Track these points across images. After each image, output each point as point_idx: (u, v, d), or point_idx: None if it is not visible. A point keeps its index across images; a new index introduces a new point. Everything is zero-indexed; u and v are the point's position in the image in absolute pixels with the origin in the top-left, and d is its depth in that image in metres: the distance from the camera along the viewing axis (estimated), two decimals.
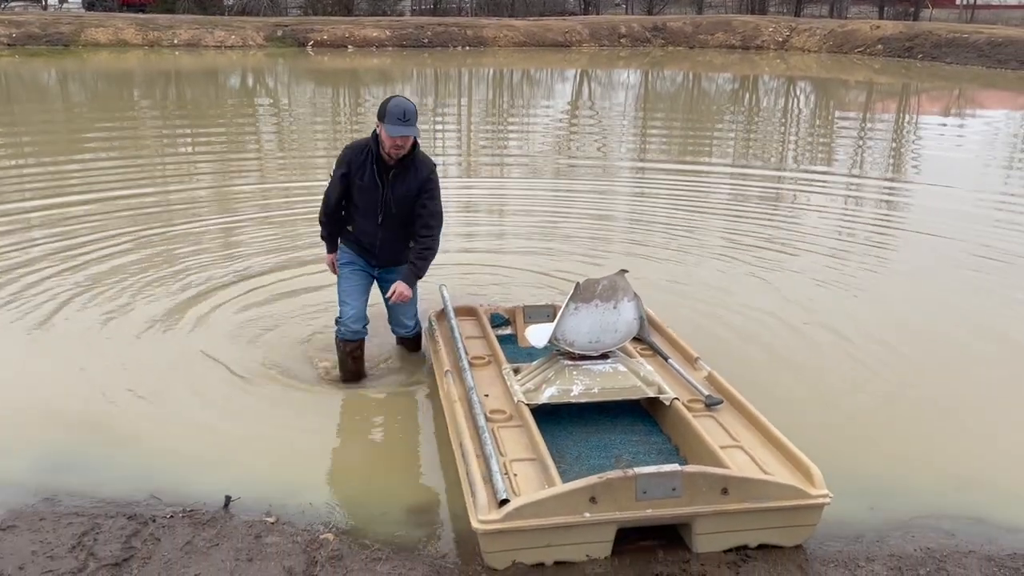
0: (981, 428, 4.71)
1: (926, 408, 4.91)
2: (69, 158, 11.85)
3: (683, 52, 34.12)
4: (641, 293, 4.39)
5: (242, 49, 30.39)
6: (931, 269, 7.48)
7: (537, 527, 3.19)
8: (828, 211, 9.65)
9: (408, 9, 43.80)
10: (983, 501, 3.95)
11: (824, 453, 3.78)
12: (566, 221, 8.86)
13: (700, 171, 11.90)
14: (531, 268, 7.12)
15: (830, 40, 33.82)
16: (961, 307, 6.50)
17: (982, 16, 42.12)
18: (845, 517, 3.69)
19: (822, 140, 15.19)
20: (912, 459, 4.32)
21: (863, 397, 4.99)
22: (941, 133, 16.34)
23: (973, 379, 5.30)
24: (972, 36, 30.41)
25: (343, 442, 4.41)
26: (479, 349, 4.82)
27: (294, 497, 3.82)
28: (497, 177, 11.43)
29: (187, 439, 4.35)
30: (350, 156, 4.66)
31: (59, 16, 32.92)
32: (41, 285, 6.48)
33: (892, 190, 11.04)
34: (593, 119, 17.92)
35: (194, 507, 3.70)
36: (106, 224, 8.23)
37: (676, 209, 9.40)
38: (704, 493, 3.27)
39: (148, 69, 25.17)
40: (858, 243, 8.26)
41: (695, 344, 4.90)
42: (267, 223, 8.50)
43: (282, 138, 14.71)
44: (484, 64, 28.94)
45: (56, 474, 3.99)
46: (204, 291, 6.48)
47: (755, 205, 9.81)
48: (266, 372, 5.13)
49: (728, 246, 7.97)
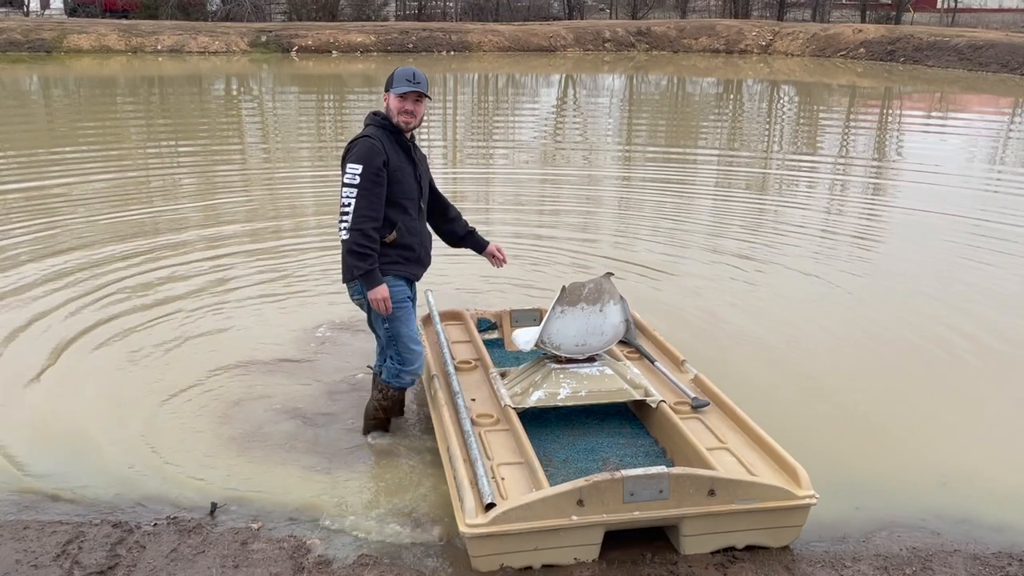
0: (966, 426, 4.75)
1: (911, 407, 4.96)
2: (49, 168, 11.77)
3: (667, 56, 34.25)
4: (628, 295, 4.38)
5: (226, 55, 30.31)
6: (920, 265, 7.58)
7: (524, 530, 3.19)
8: (814, 209, 9.75)
9: (393, 14, 43.77)
10: (968, 500, 3.98)
11: (809, 453, 3.82)
12: (553, 223, 8.88)
13: (687, 169, 11.94)
14: (517, 273, 7.11)
15: (813, 44, 34.04)
16: (948, 303, 6.57)
17: (963, 19, 42.49)
18: (831, 517, 3.72)
19: (805, 141, 15.26)
20: (897, 458, 4.36)
21: (849, 396, 5.04)
22: (925, 131, 16.50)
23: (958, 377, 5.36)
24: (953, 39, 30.67)
25: (329, 448, 4.37)
26: (466, 353, 4.80)
27: (280, 503, 3.81)
28: (483, 182, 11.43)
29: (172, 446, 4.32)
30: (377, 144, 3.92)
31: (41, 22, 32.77)
32: (27, 294, 6.44)
33: (878, 188, 11.15)
34: (579, 121, 17.94)
35: (179, 514, 3.68)
36: (91, 238, 8.17)
37: (662, 215, 9.45)
38: (691, 495, 3.27)
39: (131, 75, 25.03)
40: (845, 239, 8.35)
41: (683, 344, 4.92)
42: (253, 236, 8.46)
43: (268, 142, 14.66)
44: (469, 69, 28.94)
45: (40, 482, 3.96)
46: (177, 298, 6.45)
47: (742, 203, 9.89)
48: (250, 380, 5.10)
49: (716, 245, 8.04)
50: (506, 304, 5.72)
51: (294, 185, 10.93)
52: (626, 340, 4.81)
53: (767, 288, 6.93)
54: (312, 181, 11.12)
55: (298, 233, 8.43)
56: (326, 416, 4.69)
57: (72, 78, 24.36)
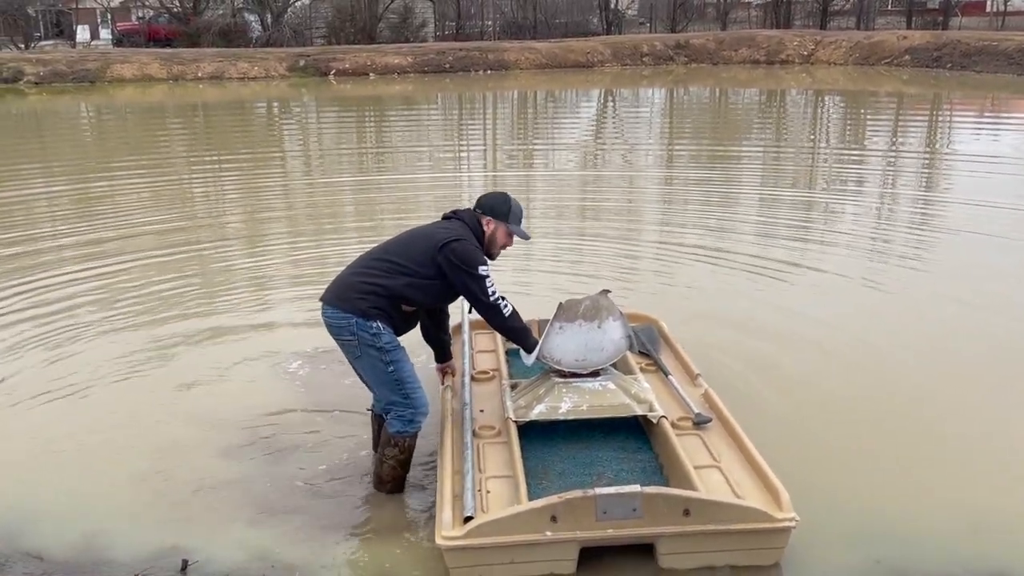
0: (1004, 464, 4.28)
1: (941, 439, 4.54)
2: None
3: (707, 69, 33.94)
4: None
5: (265, 80, 30.74)
6: (951, 282, 7.15)
7: (499, 544, 3.24)
8: (862, 218, 9.57)
9: (431, 35, 44.10)
10: (1004, 549, 3.58)
11: (825, 495, 3.69)
12: (594, 237, 8.88)
13: (728, 179, 11.81)
14: (557, 282, 6.96)
15: (856, 52, 33.48)
16: (990, 322, 6.19)
17: (1012, 23, 41.52)
18: (848, 570, 3.45)
19: (852, 158, 14.80)
20: (923, 500, 3.94)
21: (875, 429, 4.64)
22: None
23: (997, 407, 4.89)
24: (1002, 44, 29.92)
25: (317, 495, 4.08)
26: (487, 364, 4.85)
27: (257, 559, 3.58)
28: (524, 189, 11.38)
29: (142, 499, 4.06)
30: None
31: (86, 54, 33.55)
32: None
33: (923, 200, 10.81)
34: (618, 135, 17.85)
35: (149, 571, 3.50)
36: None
37: (705, 222, 9.33)
38: (665, 514, 3.28)
39: (175, 102, 25.50)
40: (892, 252, 8.09)
41: (704, 360, 4.82)
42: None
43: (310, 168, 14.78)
44: (506, 87, 29.01)
45: (4, 539, 3.75)
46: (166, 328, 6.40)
47: (785, 217, 9.67)
48: (221, 423, 4.79)
49: (755, 262, 7.79)
50: (541, 313, 5.56)
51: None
52: (645, 351, 4.86)
53: (799, 304, 6.66)
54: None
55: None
56: (314, 460, 4.40)
57: (118, 106, 24.90)
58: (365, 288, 3.82)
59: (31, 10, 41.94)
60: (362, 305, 3.78)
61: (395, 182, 12.51)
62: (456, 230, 3.94)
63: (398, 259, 3.88)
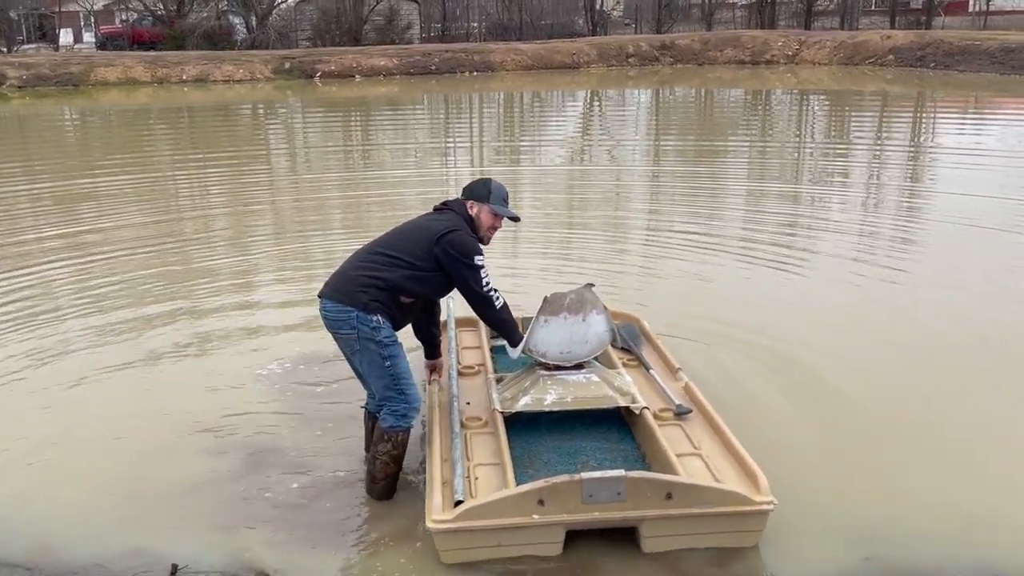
0: (995, 460, 4.26)
1: (935, 435, 4.53)
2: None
3: (692, 69, 34.08)
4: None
5: (250, 83, 30.67)
6: (952, 276, 7.15)
7: (487, 527, 3.34)
8: (849, 214, 9.64)
9: (416, 37, 44.08)
10: (996, 549, 3.55)
11: (812, 491, 3.73)
12: (582, 230, 8.99)
13: (714, 178, 11.89)
14: (546, 279, 6.98)
15: (840, 52, 33.68)
16: (989, 319, 6.17)
17: (995, 22, 41.80)
18: (835, 570, 3.45)
19: (837, 155, 14.90)
20: (913, 498, 3.92)
21: (863, 424, 4.64)
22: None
23: (991, 405, 4.88)
24: (985, 43, 30.17)
25: (306, 499, 4.04)
26: (472, 359, 4.95)
27: (245, 568, 3.54)
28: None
29: (131, 505, 4.02)
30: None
31: (69, 57, 33.39)
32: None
33: (912, 195, 10.91)
34: (604, 134, 17.91)
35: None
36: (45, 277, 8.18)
37: (692, 217, 9.41)
38: (648, 498, 3.37)
39: (159, 105, 25.40)
40: (878, 247, 8.15)
41: (689, 354, 4.95)
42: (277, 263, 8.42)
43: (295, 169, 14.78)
44: (492, 88, 29.05)
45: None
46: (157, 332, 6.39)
47: (772, 212, 9.75)
48: (205, 427, 4.75)
49: (745, 251, 7.88)
50: (527, 311, 5.58)
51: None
52: (627, 347, 4.95)
53: (805, 297, 6.70)
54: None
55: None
56: (307, 469, 4.33)
57: (103, 109, 24.78)
58: (365, 281, 3.83)
59: (13, 14, 41.69)
60: (363, 298, 3.79)
61: (380, 179, 12.63)
62: (450, 221, 3.98)
63: (396, 252, 3.90)
